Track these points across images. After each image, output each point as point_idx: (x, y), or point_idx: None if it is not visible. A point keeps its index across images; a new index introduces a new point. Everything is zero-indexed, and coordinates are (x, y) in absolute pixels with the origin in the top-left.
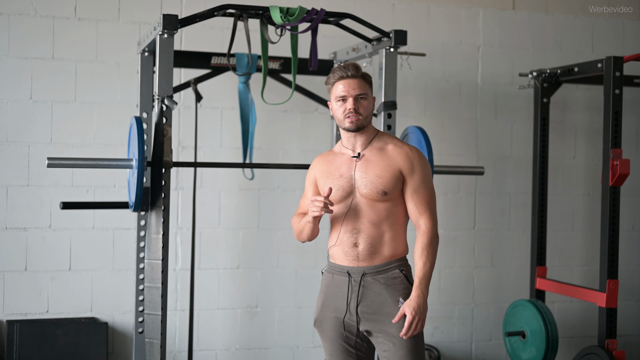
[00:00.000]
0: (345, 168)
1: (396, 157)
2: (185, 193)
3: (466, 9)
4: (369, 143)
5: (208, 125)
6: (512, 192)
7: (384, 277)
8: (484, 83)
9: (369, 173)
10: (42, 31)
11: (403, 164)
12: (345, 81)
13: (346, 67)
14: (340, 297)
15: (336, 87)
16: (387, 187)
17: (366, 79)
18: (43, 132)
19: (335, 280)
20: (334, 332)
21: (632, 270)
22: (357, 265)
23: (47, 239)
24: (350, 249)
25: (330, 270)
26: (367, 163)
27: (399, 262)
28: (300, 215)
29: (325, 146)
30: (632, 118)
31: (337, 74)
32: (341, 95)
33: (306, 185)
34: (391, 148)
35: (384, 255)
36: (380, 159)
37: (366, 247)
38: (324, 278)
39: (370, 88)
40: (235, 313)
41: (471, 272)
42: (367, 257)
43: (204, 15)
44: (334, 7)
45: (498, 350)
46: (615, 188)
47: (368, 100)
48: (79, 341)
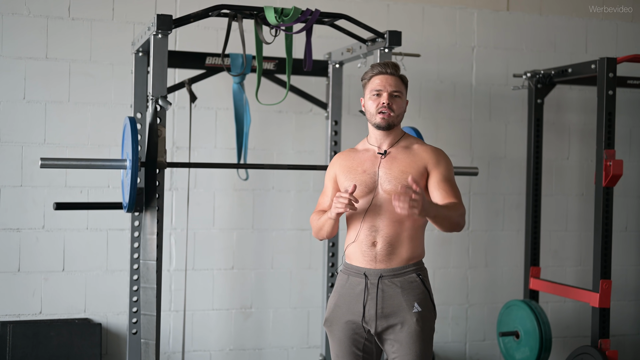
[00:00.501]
0: (369, 164)
1: (422, 154)
2: (180, 193)
3: (461, 10)
4: (396, 142)
5: (202, 125)
6: (506, 193)
7: (401, 280)
8: (478, 84)
9: (393, 169)
10: (35, 31)
11: (428, 159)
12: (383, 77)
13: (386, 64)
14: (355, 300)
15: (372, 82)
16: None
17: (403, 80)
18: (36, 133)
19: (351, 282)
20: (343, 334)
21: (625, 270)
22: (375, 267)
23: (40, 239)
24: (368, 249)
25: (346, 271)
26: (392, 160)
27: (416, 266)
28: (320, 212)
29: (320, 147)
30: (626, 119)
31: (376, 69)
32: (377, 89)
33: (326, 182)
34: (417, 147)
35: (402, 257)
36: (405, 156)
37: (384, 247)
38: (338, 278)
39: (405, 89)
40: (229, 314)
41: (465, 272)
42: (385, 259)
43: (199, 15)
44: (328, 8)
45: (492, 350)
46: (608, 189)
47: (402, 99)
48: (73, 342)
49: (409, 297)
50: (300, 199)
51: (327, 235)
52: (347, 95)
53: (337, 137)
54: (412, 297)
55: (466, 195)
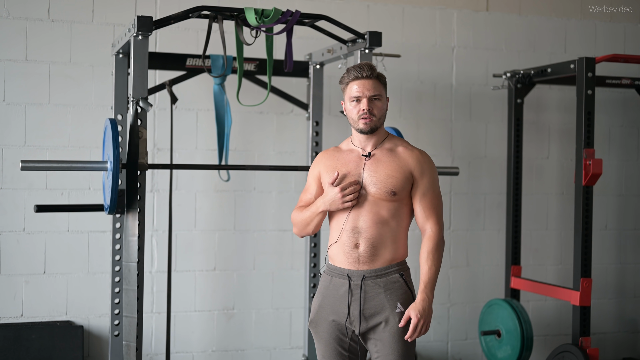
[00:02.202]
0: (353, 165)
1: (407, 159)
2: (161, 195)
3: (440, 10)
4: (380, 144)
5: (183, 127)
6: (486, 192)
7: (384, 281)
8: (458, 84)
9: (379, 172)
10: (14, 33)
11: (414, 166)
12: (360, 82)
13: (361, 67)
14: (339, 301)
15: (350, 87)
16: (396, 188)
17: (381, 80)
18: (16, 135)
19: (334, 283)
20: (329, 335)
21: (605, 268)
22: (358, 269)
23: (21, 242)
24: (351, 251)
25: (329, 273)
26: (377, 162)
27: (399, 267)
28: (302, 208)
29: (301, 147)
30: (605, 118)
31: (352, 74)
32: (355, 95)
33: (309, 180)
34: (402, 150)
35: (385, 258)
36: (391, 159)
37: (367, 249)
38: (322, 279)
39: (384, 89)
40: (211, 315)
41: (447, 271)
42: (367, 260)
43: (179, 17)
44: (309, 9)
45: (474, 349)
46: (588, 187)
47: (382, 101)
48: (54, 345)
49: (391, 297)
50: (281, 200)
51: (313, 231)
52: (327, 96)
53: (318, 137)
54: (394, 297)
55: (447, 195)
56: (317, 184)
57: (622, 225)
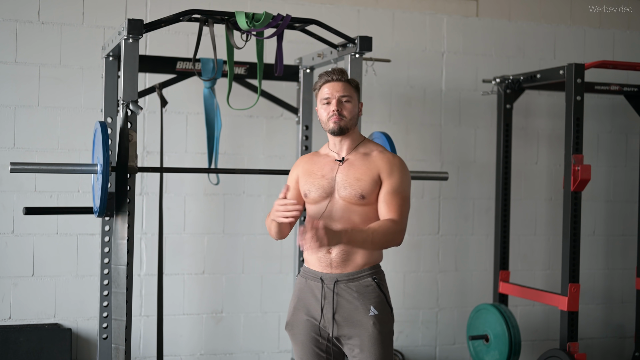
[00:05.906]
0: (327, 169)
1: (378, 162)
2: (150, 198)
3: (430, 16)
4: (354, 148)
5: (173, 130)
6: (475, 197)
7: (357, 284)
8: (448, 89)
9: (349, 176)
10: (4, 35)
11: (382, 167)
12: (330, 84)
13: (332, 71)
14: (313, 303)
15: (322, 91)
16: (365, 191)
17: (351, 83)
18: (6, 137)
19: (309, 285)
20: (305, 336)
21: (593, 274)
22: (331, 272)
23: (9, 244)
24: (324, 255)
25: (304, 275)
26: (349, 167)
27: (372, 270)
28: None
29: (290, 151)
30: (593, 124)
31: (323, 79)
32: (325, 97)
33: (288, 183)
34: (375, 154)
35: (357, 262)
36: (362, 163)
37: (340, 254)
38: (297, 282)
39: (355, 92)
40: (200, 318)
41: (435, 276)
42: (340, 264)
43: (170, 20)
44: (299, 13)
45: (462, 354)
46: (576, 193)
47: (352, 104)
48: (42, 347)
49: (364, 301)
50: (271, 204)
51: (278, 236)
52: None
53: (307, 141)
54: (367, 300)
55: (436, 200)
56: (294, 187)
57: (610, 231)
